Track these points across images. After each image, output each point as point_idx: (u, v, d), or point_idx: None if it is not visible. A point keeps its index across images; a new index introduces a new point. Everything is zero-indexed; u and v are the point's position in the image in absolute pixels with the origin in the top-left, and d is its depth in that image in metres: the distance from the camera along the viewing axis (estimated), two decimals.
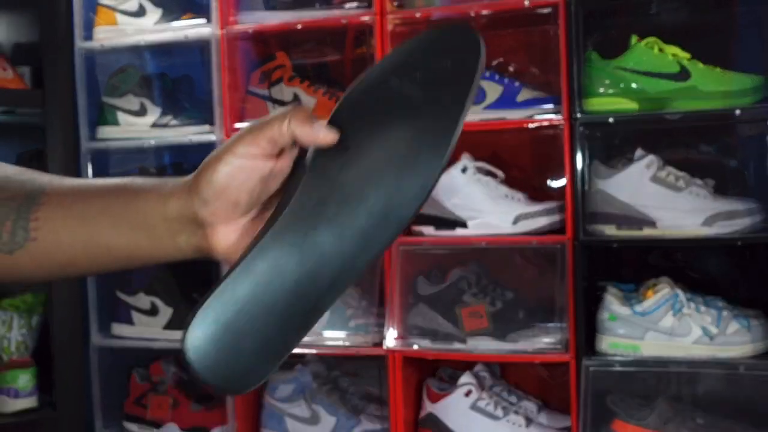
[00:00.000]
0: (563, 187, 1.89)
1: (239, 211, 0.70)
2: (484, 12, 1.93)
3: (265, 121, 0.68)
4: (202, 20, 2.16)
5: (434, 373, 2.09)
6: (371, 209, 0.66)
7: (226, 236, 0.70)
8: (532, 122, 1.91)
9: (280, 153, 0.69)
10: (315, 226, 0.67)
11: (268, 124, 0.67)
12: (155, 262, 0.74)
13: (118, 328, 2.26)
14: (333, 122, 0.69)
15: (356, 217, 0.66)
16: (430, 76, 0.67)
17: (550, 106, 1.91)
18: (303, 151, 0.71)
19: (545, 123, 1.90)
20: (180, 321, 2.22)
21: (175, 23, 2.21)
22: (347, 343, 2.03)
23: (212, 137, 2.15)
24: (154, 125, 2.24)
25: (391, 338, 1.97)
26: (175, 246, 0.71)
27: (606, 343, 1.83)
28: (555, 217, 1.92)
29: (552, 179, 2.10)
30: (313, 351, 2.09)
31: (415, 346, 1.97)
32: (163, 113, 2.24)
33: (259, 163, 0.68)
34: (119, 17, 2.25)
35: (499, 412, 1.94)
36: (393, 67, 0.69)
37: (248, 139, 0.67)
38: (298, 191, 0.67)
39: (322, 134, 0.68)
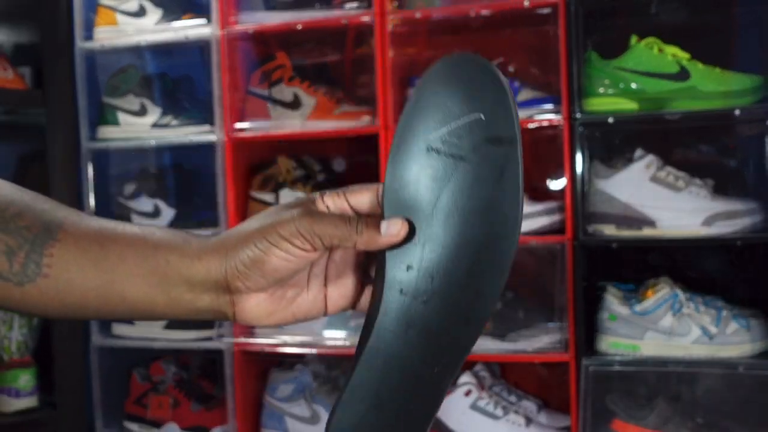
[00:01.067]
0: (563, 187, 1.90)
1: (279, 285, 0.69)
2: (484, 12, 1.93)
3: (324, 221, 0.66)
4: (203, 20, 2.16)
5: None
6: (463, 281, 0.66)
7: (258, 304, 0.69)
8: (532, 122, 1.91)
9: None
10: (412, 319, 0.66)
11: (330, 228, 0.66)
12: (169, 318, 0.72)
13: (119, 328, 2.26)
14: (389, 207, 0.67)
15: (451, 293, 0.66)
16: (464, 127, 0.65)
17: (549, 106, 1.92)
18: None
19: (545, 123, 1.90)
20: (180, 321, 2.23)
21: (176, 23, 2.22)
22: (347, 343, 2.03)
23: (212, 137, 2.15)
24: (155, 125, 2.24)
25: None
26: (194, 308, 0.70)
27: (606, 343, 1.83)
28: (555, 217, 1.92)
29: (552, 179, 2.10)
30: (313, 351, 2.09)
31: None
32: (164, 113, 2.24)
33: (313, 254, 0.67)
34: (119, 17, 2.25)
35: (499, 412, 1.94)
36: (420, 128, 0.66)
37: (306, 234, 0.66)
38: (385, 288, 0.67)
39: (394, 238, 0.67)
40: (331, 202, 0.69)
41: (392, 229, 0.66)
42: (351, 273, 0.73)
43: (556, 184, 2.08)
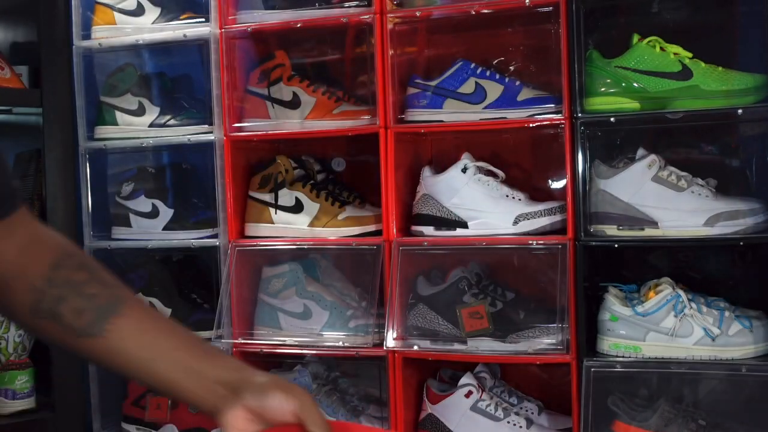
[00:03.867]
0: (564, 187, 1.89)
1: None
2: (485, 11, 1.92)
3: (301, 402, 0.90)
4: (201, 19, 2.15)
5: (434, 374, 2.08)
6: None
7: (237, 415, 0.91)
8: (533, 122, 1.90)
9: None
10: None
11: (297, 406, 0.90)
12: (179, 394, 0.93)
13: None
14: None
15: None
16: None
17: (550, 105, 1.90)
18: None
19: (546, 122, 1.89)
20: (179, 321, 2.21)
21: (174, 22, 2.20)
22: (347, 344, 2.02)
23: (211, 137, 2.14)
24: (153, 125, 2.23)
25: (391, 339, 1.96)
26: (201, 396, 0.92)
27: (607, 344, 1.82)
28: (556, 218, 1.91)
29: (553, 179, 2.09)
30: (313, 352, 2.08)
31: (416, 347, 1.96)
32: (162, 113, 2.23)
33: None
34: (117, 16, 2.24)
35: (500, 413, 1.93)
36: None
37: (281, 397, 0.90)
38: None
39: None
40: None
41: None
42: None
43: (558, 184, 2.07)
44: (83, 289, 0.90)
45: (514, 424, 1.92)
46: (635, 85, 1.83)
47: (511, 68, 2.11)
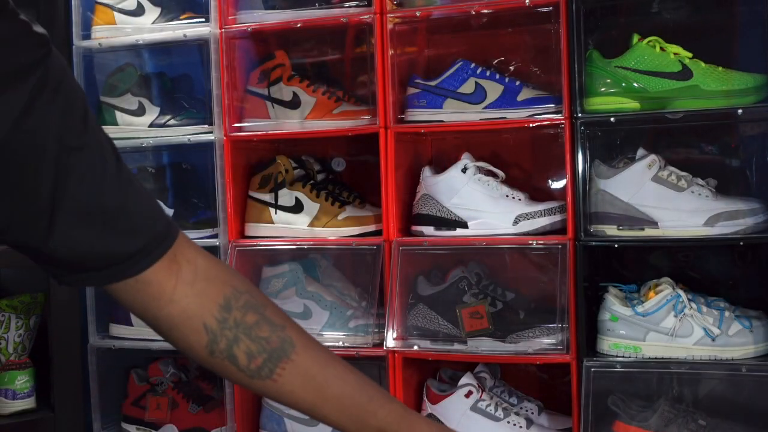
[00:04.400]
0: (564, 187, 1.88)
1: None
2: (485, 11, 1.92)
3: None
4: (201, 19, 2.15)
5: (434, 374, 2.08)
6: None
7: None
8: (533, 122, 1.90)
9: None
10: None
11: None
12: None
13: (117, 329, 2.25)
14: None
15: None
16: None
17: (550, 105, 1.90)
18: None
19: (546, 122, 1.88)
20: None
21: (174, 22, 2.20)
22: (347, 344, 2.02)
23: (211, 137, 2.13)
24: (153, 125, 2.23)
25: (391, 339, 1.96)
26: None
27: (607, 344, 1.82)
28: (556, 218, 1.91)
29: (553, 179, 2.09)
30: None
31: (416, 347, 1.96)
32: (162, 113, 2.23)
33: None
34: (117, 16, 2.24)
35: (500, 413, 1.93)
36: None
37: None
38: None
39: None
40: None
41: None
42: None
43: (558, 184, 2.07)
44: (254, 332, 0.93)
45: (514, 424, 1.92)
46: (635, 85, 1.83)
47: (511, 68, 2.11)
